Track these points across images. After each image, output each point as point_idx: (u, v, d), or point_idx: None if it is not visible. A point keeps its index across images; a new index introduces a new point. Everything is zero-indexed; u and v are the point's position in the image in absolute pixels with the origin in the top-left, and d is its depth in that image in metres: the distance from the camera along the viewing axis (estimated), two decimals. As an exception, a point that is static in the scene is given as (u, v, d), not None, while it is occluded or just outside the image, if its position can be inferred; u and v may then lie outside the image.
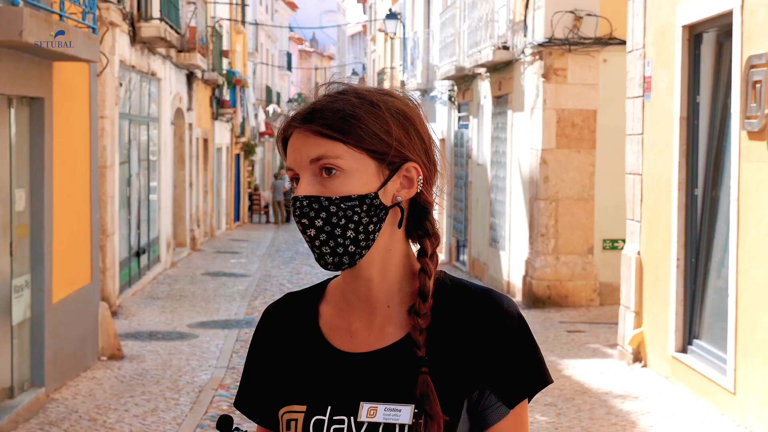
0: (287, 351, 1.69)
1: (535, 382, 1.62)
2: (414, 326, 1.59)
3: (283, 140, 1.64)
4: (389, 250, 1.62)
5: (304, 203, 1.57)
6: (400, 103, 1.62)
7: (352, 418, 1.58)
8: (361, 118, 1.57)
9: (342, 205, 1.56)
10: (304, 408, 1.61)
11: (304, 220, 1.57)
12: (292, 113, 1.64)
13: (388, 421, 1.56)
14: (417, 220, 1.65)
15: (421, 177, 1.61)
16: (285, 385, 1.66)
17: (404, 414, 1.56)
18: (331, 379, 1.62)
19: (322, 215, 1.56)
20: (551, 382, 1.64)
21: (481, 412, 1.60)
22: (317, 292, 1.73)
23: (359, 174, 1.57)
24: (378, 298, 1.64)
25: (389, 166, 1.59)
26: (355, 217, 1.56)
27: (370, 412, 1.57)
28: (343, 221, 1.56)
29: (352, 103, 1.59)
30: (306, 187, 1.58)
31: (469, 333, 1.60)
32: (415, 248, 1.67)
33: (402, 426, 1.55)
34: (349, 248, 1.57)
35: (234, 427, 1.64)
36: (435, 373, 1.58)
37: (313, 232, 1.57)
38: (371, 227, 1.58)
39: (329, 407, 1.60)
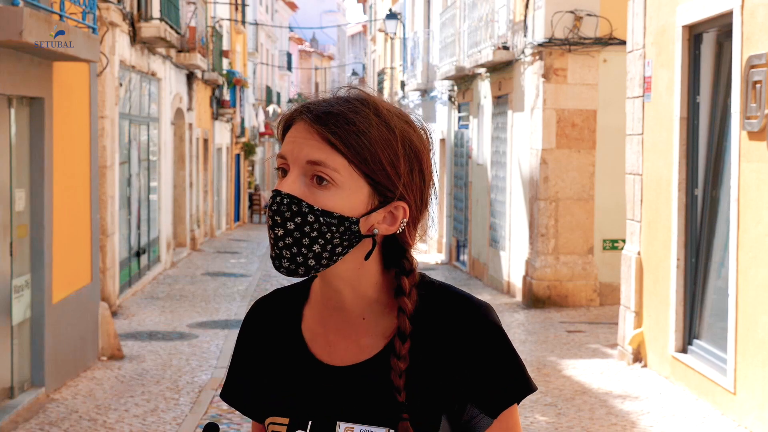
0: (271, 354, 1.67)
1: (516, 391, 1.58)
2: (393, 370, 1.55)
3: (286, 125, 1.58)
4: (359, 269, 1.57)
5: (285, 201, 1.50)
6: (415, 135, 1.57)
7: None
8: (373, 140, 1.51)
9: (321, 219, 1.50)
10: (286, 421, 1.60)
11: (276, 217, 1.51)
12: (305, 103, 1.57)
13: None
14: (394, 255, 1.60)
15: (406, 219, 1.56)
16: (269, 393, 1.65)
17: None
18: (312, 393, 1.60)
19: (296, 220, 1.50)
20: (534, 389, 1.60)
21: (466, 423, 1.58)
22: (304, 290, 1.69)
23: (350, 194, 1.51)
24: (351, 310, 1.60)
25: (381, 196, 1.53)
26: (328, 235, 1.51)
27: None
28: (315, 234, 1.50)
29: (369, 120, 1.52)
30: (292, 185, 1.51)
31: (447, 344, 1.57)
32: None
33: None
34: (309, 261, 1.52)
35: None
36: (414, 386, 1.55)
37: (280, 232, 1.51)
38: (338, 249, 1.52)
39: (310, 422, 1.58)
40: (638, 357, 9.25)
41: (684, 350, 8.43)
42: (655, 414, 7.67)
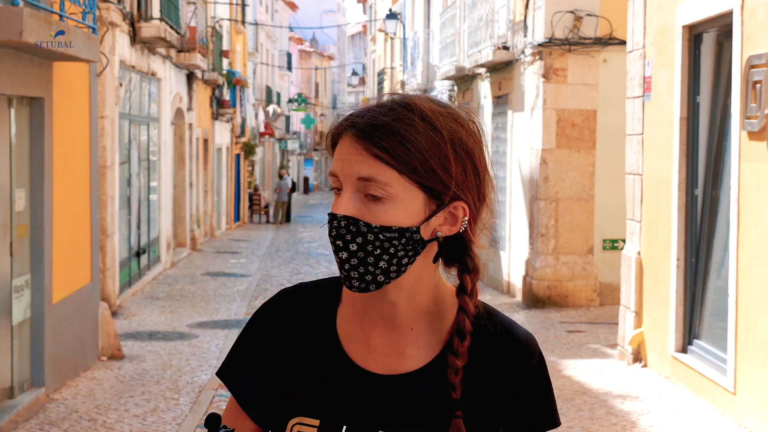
0: (296, 351, 1.61)
1: (544, 424, 1.61)
2: (451, 367, 1.53)
3: (333, 140, 1.56)
4: (419, 278, 1.56)
5: (342, 224, 1.49)
6: (465, 133, 1.54)
7: None
8: (421, 148, 1.49)
9: (381, 236, 1.48)
10: (317, 423, 1.55)
11: (338, 242, 1.50)
12: (349, 115, 1.55)
13: None
14: (456, 253, 1.59)
15: (467, 217, 1.55)
16: (296, 392, 1.58)
17: None
18: (348, 397, 1.56)
19: (358, 240, 1.49)
20: (559, 424, 1.62)
21: None
22: (334, 290, 1.65)
23: (406, 204, 1.49)
24: (402, 320, 1.57)
25: (437, 200, 1.52)
26: (391, 249, 1.49)
27: None
28: (378, 251, 1.49)
29: (415, 127, 1.49)
30: (347, 205, 1.49)
31: (492, 372, 1.57)
32: (446, 275, 1.61)
33: None
34: (378, 277, 1.51)
35: (221, 425, 1.61)
36: (465, 395, 1.54)
37: (345, 255, 1.50)
38: (405, 260, 1.51)
39: (344, 427, 1.54)
40: (638, 357, 9.25)
41: (684, 350, 8.43)
42: (655, 414, 7.67)
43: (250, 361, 1.65)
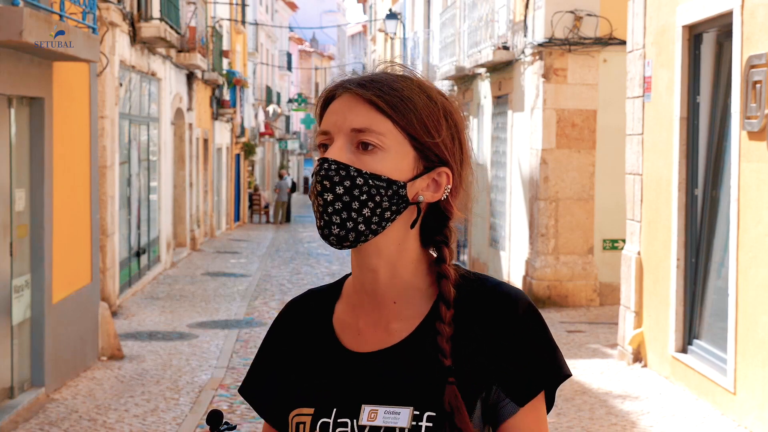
0: (300, 350, 1.65)
1: (547, 377, 1.54)
2: (440, 335, 1.52)
3: (326, 100, 1.58)
4: (399, 245, 1.57)
5: (332, 167, 1.50)
6: (454, 110, 1.59)
7: (354, 420, 1.53)
8: (417, 106, 1.54)
9: (370, 182, 1.50)
10: (311, 411, 1.57)
11: (325, 182, 1.50)
12: (346, 77, 1.58)
13: (387, 425, 1.50)
14: (436, 226, 1.60)
15: (449, 186, 1.57)
16: (295, 386, 1.61)
17: (402, 417, 1.50)
18: (337, 380, 1.57)
19: (345, 183, 1.50)
20: (569, 375, 1.55)
21: (492, 406, 1.53)
22: (336, 289, 1.68)
23: (396, 158, 1.53)
24: (385, 293, 1.58)
25: (426, 162, 1.55)
26: (377, 198, 1.51)
27: (371, 415, 1.52)
28: (365, 197, 1.50)
29: (411, 89, 1.55)
30: (338, 152, 1.51)
31: (478, 328, 1.54)
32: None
33: (402, 430, 1.49)
34: (359, 226, 1.51)
35: (224, 422, 1.61)
36: (455, 362, 1.52)
37: (330, 197, 1.50)
38: (387, 214, 1.52)
39: (335, 409, 1.55)
40: (638, 357, 9.25)
41: (684, 350, 8.43)
42: (655, 414, 7.68)
43: (266, 374, 1.69)
